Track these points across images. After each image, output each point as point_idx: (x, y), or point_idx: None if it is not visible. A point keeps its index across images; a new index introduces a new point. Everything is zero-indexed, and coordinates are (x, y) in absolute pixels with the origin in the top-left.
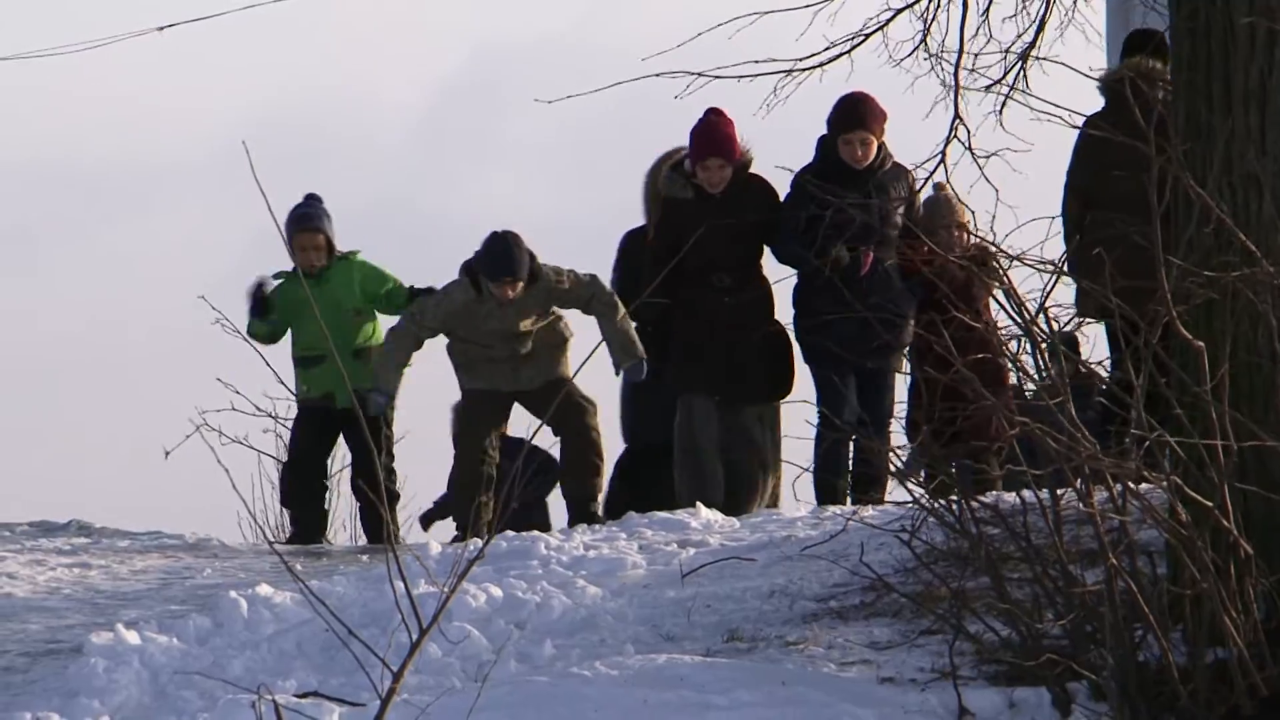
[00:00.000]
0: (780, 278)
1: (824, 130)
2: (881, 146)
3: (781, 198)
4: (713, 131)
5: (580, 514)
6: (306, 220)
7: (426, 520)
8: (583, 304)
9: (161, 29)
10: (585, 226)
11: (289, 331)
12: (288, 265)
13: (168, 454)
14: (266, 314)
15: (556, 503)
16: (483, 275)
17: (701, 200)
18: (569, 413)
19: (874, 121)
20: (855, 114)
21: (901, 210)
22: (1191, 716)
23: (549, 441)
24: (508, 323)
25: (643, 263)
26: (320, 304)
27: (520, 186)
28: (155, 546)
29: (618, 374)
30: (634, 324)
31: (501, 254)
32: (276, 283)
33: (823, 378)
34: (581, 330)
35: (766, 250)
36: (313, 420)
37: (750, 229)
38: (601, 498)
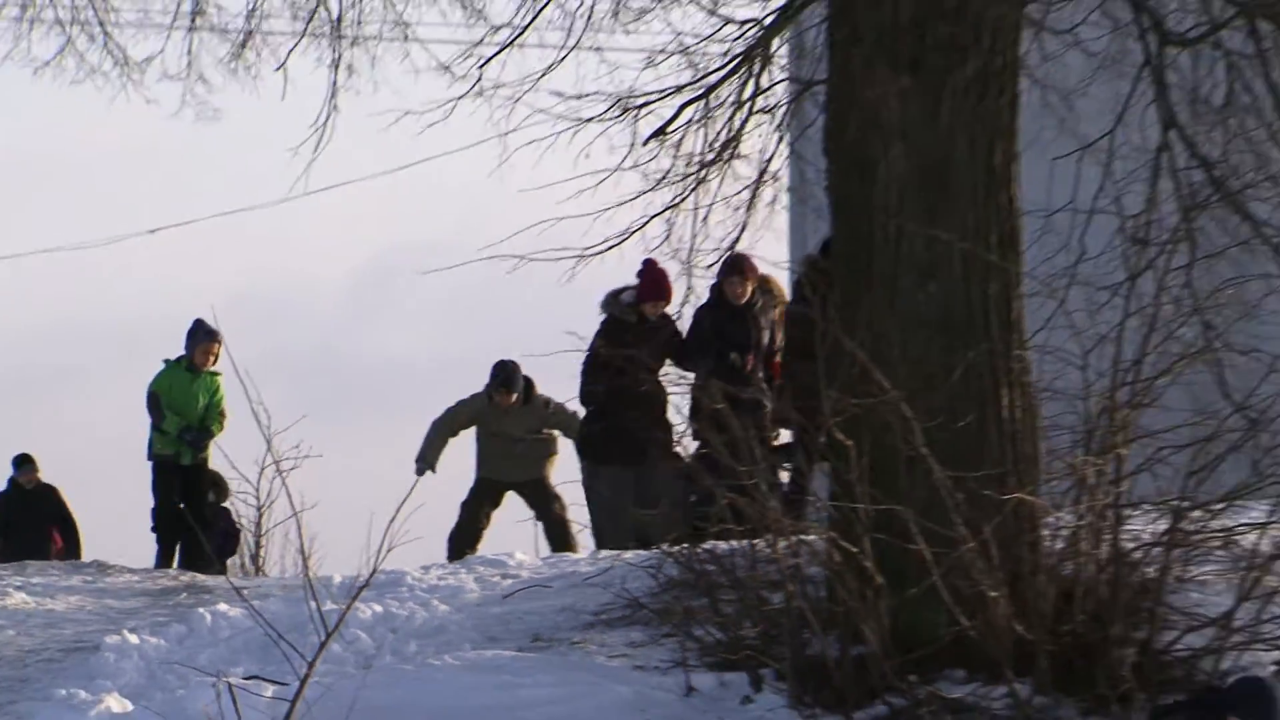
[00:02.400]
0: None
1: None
2: (755, 289)
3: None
4: (662, 281)
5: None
6: (217, 335)
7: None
8: (563, 427)
9: (153, 231)
10: (460, 365)
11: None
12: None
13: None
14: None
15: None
16: (488, 386)
17: (639, 324)
18: (546, 503)
19: (749, 271)
20: (735, 265)
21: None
22: (841, 693)
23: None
24: (508, 427)
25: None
26: (194, 393)
27: (415, 338)
28: (150, 578)
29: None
30: (583, 405)
31: (502, 372)
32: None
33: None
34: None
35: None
36: (168, 471)
37: (669, 343)
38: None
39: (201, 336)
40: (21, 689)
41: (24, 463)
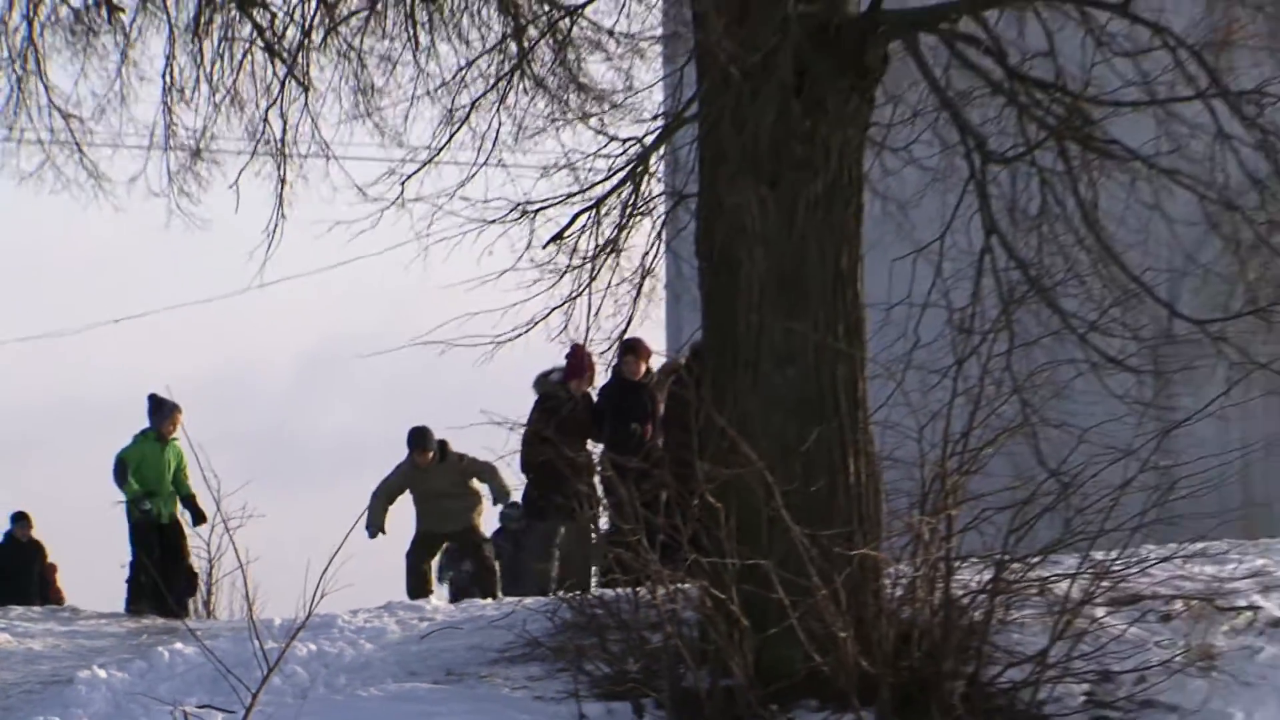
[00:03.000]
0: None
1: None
2: (649, 368)
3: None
4: (584, 361)
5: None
6: (179, 406)
7: None
8: (479, 476)
9: (117, 320)
10: (396, 440)
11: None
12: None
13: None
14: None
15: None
16: (409, 450)
17: (567, 399)
18: (477, 549)
19: (642, 352)
20: (630, 347)
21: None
22: (731, 714)
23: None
24: (433, 484)
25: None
26: (165, 460)
27: (356, 418)
28: (116, 621)
29: (494, 504)
30: (522, 472)
31: (417, 435)
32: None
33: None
34: None
35: None
36: (147, 530)
37: (589, 417)
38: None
39: (167, 409)
40: (5, 718)
41: (20, 518)
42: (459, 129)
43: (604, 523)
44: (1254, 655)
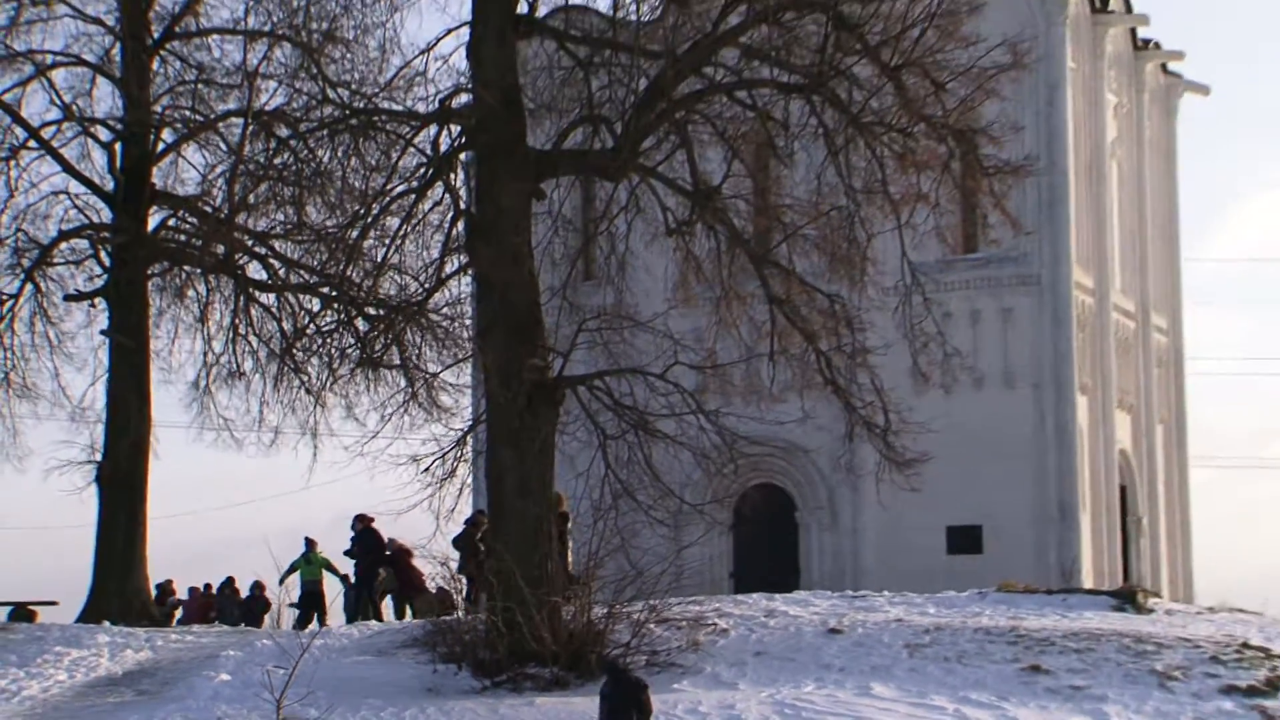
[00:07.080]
0: None
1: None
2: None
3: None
4: (366, 521)
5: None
6: (315, 541)
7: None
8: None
9: (249, 501)
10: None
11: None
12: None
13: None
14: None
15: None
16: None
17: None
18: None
19: (366, 519)
20: (359, 517)
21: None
22: (490, 671)
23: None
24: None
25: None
26: (313, 564)
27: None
28: (235, 632)
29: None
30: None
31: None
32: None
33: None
34: None
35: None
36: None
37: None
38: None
39: (311, 542)
40: (185, 672)
41: (258, 586)
42: (385, 424)
43: (432, 587)
44: (715, 644)
